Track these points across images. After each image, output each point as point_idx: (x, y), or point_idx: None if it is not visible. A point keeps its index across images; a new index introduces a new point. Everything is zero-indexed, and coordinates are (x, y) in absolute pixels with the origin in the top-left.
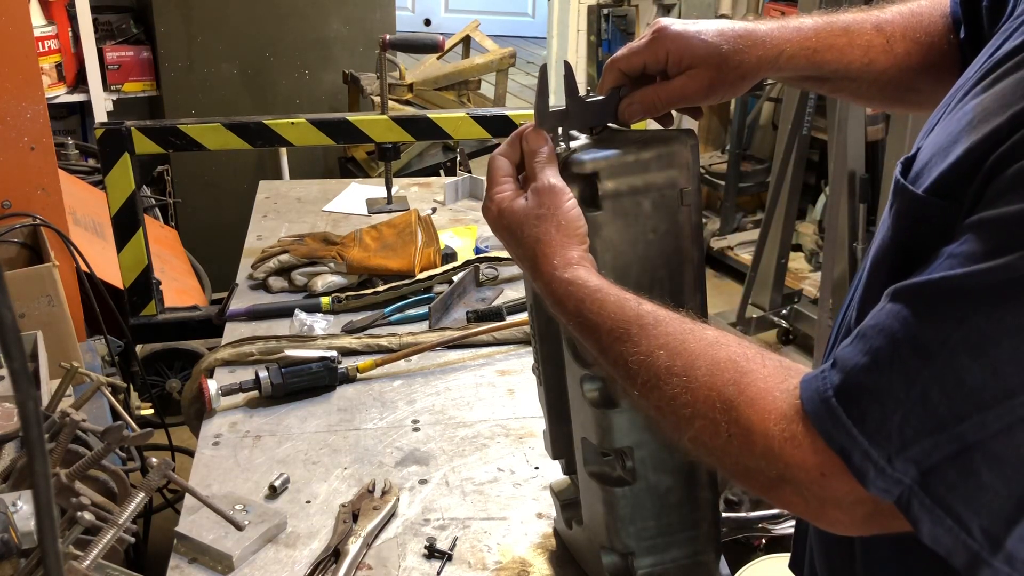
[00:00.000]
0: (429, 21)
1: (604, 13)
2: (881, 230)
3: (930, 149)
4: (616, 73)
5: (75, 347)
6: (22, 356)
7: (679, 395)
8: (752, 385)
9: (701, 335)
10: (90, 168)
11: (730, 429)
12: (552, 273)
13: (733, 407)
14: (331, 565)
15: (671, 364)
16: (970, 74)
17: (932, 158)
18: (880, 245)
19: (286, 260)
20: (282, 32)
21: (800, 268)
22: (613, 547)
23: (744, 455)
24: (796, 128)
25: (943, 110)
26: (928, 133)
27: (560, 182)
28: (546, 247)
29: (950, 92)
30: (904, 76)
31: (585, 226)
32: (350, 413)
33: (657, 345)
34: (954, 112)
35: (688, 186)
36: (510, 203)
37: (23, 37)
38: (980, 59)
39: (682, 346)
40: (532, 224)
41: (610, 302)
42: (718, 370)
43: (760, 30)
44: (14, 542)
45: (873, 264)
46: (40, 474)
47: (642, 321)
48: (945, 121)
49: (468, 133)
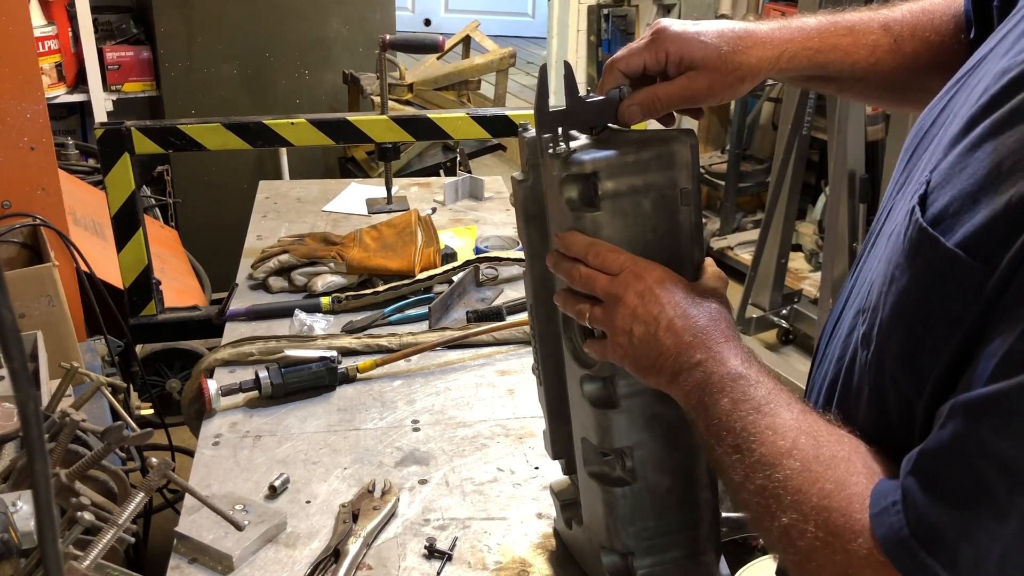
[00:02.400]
0: (429, 21)
1: (604, 13)
2: (890, 266)
3: (951, 191)
4: (616, 74)
5: (75, 347)
6: (22, 356)
7: (788, 479)
8: (854, 487)
9: (837, 431)
10: (90, 168)
11: (818, 532)
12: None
13: (827, 508)
14: (331, 565)
15: (795, 444)
16: (981, 85)
17: (955, 204)
18: (900, 292)
19: (286, 260)
20: (282, 32)
21: (800, 268)
22: (613, 547)
23: (825, 567)
24: (796, 128)
25: (952, 104)
26: (937, 155)
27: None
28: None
29: (956, 83)
30: (913, 76)
31: None
32: (350, 413)
33: (792, 424)
34: (973, 149)
35: (688, 186)
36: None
37: (23, 37)
38: (997, 49)
39: (814, 428)
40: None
41: (765, 380)
42: (833, 462)
43: (761, 31)
44: (14, 542)
45: (895, 313)
46: (40, 474)
47: (792, 404)
48: (964, 156)
49: (468, 133)
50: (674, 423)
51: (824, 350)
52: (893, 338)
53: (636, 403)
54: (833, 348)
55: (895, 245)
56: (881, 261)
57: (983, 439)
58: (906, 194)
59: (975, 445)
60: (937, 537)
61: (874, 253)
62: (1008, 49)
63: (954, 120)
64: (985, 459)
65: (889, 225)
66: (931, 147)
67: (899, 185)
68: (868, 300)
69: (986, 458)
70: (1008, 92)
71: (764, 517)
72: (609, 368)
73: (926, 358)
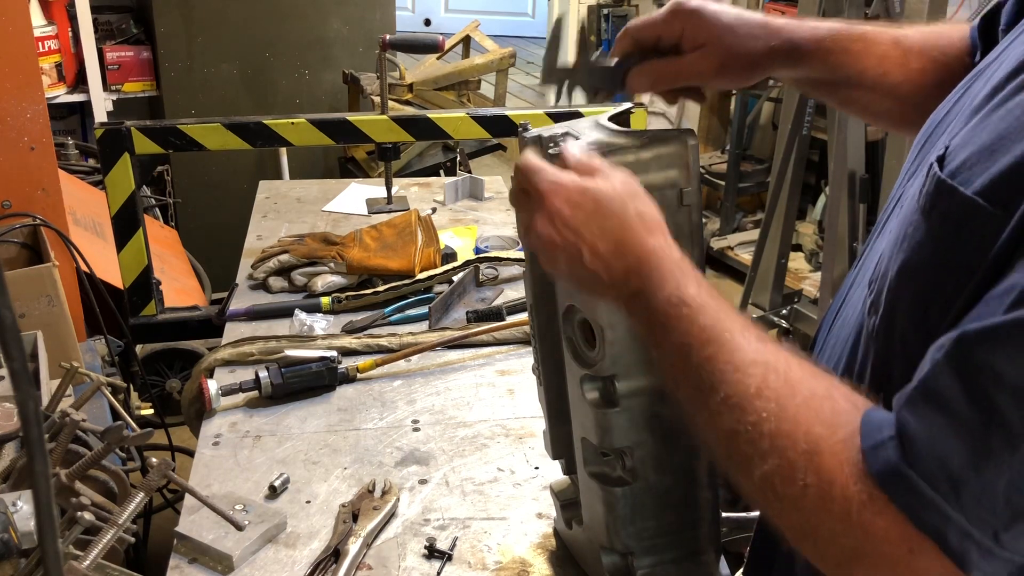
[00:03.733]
0: (429, 21)
1: (604, 13)
2: (902, 229)
3: (969, 147)
4: (629, 40)
5: (75, 347)
6: (22, 356)
7: (762, 422)
8: (845, 427)
9: (810, 366)
10: (90, 168)
11: (807, 478)
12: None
13: (817, 452)
14: (331, 565)
15: (764, 382)
16: (1002, 68)
17: (973, 157)
18: (913, 247)
19: (286, 260)
20: (282, 32)
21: (800, 268)
22: (613, 547)
23: (818, 514)
24: (796, 128)
25: (964, 100)
26: (955, 129)
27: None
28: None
29: (968, 81)
30: (917, 94)
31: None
32: (350, 413)
33: (756, 359)
34: (995, 109)
35: (688, 186)
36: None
37: (23, 37)
38: (1011, 49)
39: (785, 365)
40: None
41: (712, 304)
42: (815, 402)
43: (777, 22)
44: (14, 542)
45: (907, 269)
46: (40, 474)
47: (747, 330)
48: (985, 118)
49: (468, 133)
50: (674, 423)
51: (823, 343)
52: (903, 297)
53: (636, 403)
54: (834, 335)
55: (909, 208)
56: (892, 232)
57: (997, 367)
58: (919, 174)
59: (988, 372)
60: (941, 468)
61: (882, 236)
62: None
63: (972, 103)
64: (998, 386)
65: (899, 211)
66: (946, 130)
67: (909, 174)
68: (877, 271)
69: (999, 385)
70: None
71: (740, 465)
72: (609, 368)
73: (936, 312)
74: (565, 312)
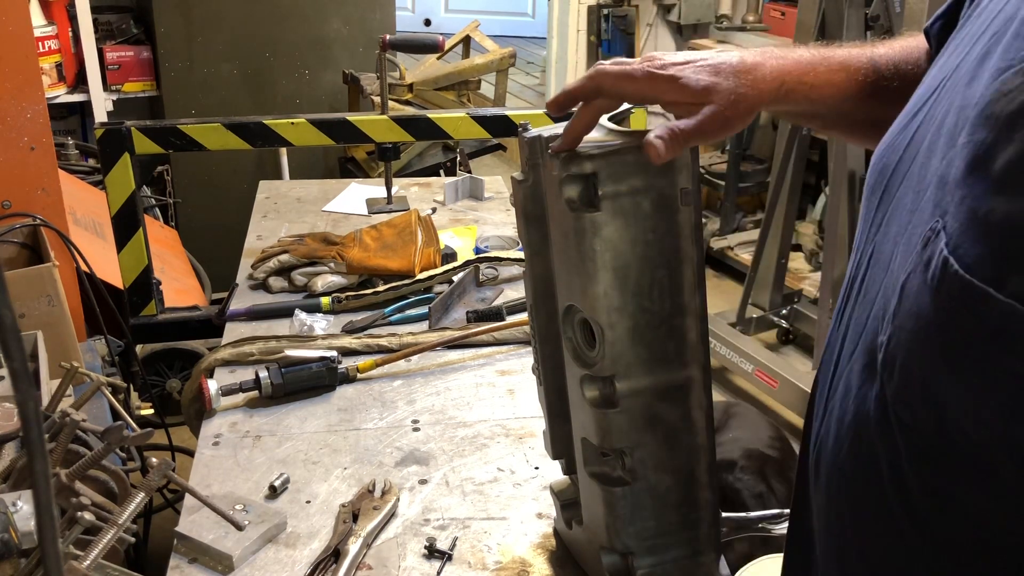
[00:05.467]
0: (429, 21)
1: (604, 13)
2: (914, 319)
3: (982, 237)
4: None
5: (75, 347)
6: (22, 356)
7: None
8: None
9: None
10: (90, 168)
11: None
12: None
13: None
14: (331, 565)
15: None
16: (952, 116)
17: (995, 253)
18: (949, 353)
19: (286, 260)
20: (282, 32)
21: (800, 268)
22: (613, 547)
23: None
24: (796, 128)
25: (915, 151)
26: (936, 196)
27: None
28: None
29: (907, 119)
30: (895, 111)
31: None
32: (350, 413)
33: None
34: (997, 192)
35: (688, 186)
36: None
37: (23, 37)
38: (947, 87)
39: None
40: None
41: None
42: None
43: (753, 61)
44: (14, 542)
45: (951, 372)
46: (40, 474)
47: None
48: (983, 198)
49: (468, 133)
50: (674, 423)
51: (824, 408)
52: (946, 392)
53: (636, 403)
54: (833, 406)
55: (919, 300)
56: (897, 314)
57: None
58: (900, 241)
59: None
60: None
61: (864, 301)
62: (970, 79)
63: (932, 154)
64: None
65: (878, 274)
66: (915, 187)
67: (876, 227)
68: (890, 350)
69: None
70: (1012, 124)
71: None
72: (609, 368)
73: (989, 411)
74: (565, 312)
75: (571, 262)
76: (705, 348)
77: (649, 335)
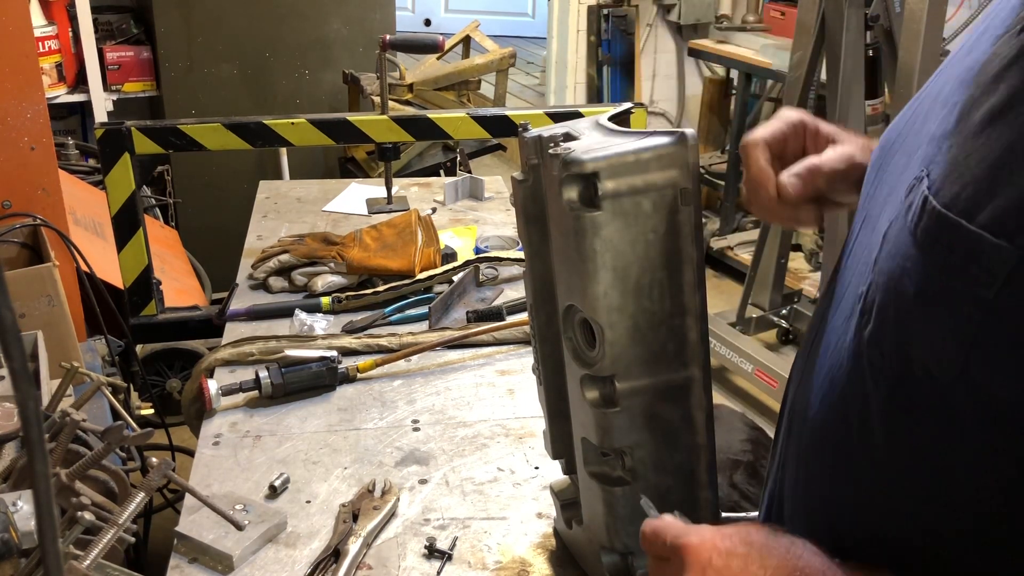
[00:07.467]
0: (429, 21)
1: (604, 13)
2: (893, 261)
3: (961, 178)
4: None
5: (75, 347)
6: (22, 356)
7: None
8: None
9: None
10: (90, 168)
11: None
12: None
13: None
14: (331, 565)
15: None
16: (948, 88)
17: (968, 188)
18: (923, 280)
19: (286, 260)
20: (282, 32)
21: (800, 268)
22: (613, 547)
23: None
24: None
25: (914, 125)
26: (929, 152)
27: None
28: None
29: (909, 107)
30: None
31: None
32: (350, 413)
33: None
34: (977, 135)
35: (688, 186)
36: None
37: (23, 37)
38: (970, 48)
39: None
40: None
41: None
42: None
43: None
44: (14, 542)
45: (922, 301)
46: (40, 474)
47: None
48: (966, 142)
49: (468, 133)
50: (674, 423)
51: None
52: (914, 328)
53: (636, 403)
54: (811, 365)
55: (898, 241)
56: (878, 260)
57: None
58: (889, 198)
59: None
60: None
61: (852, 261)
62: (969, 51)
63: (927, 121)
64: None
65: (867, 235)
66: (908, 152)
67: (870, 196)
68: (870, 296)
69: None
70: (997, 78)
71: None
72: (609, 368)
73: (953, 343)
74: (565, 312)
75: (571, 262)
76: (705, 348)
77: (649, 335)
